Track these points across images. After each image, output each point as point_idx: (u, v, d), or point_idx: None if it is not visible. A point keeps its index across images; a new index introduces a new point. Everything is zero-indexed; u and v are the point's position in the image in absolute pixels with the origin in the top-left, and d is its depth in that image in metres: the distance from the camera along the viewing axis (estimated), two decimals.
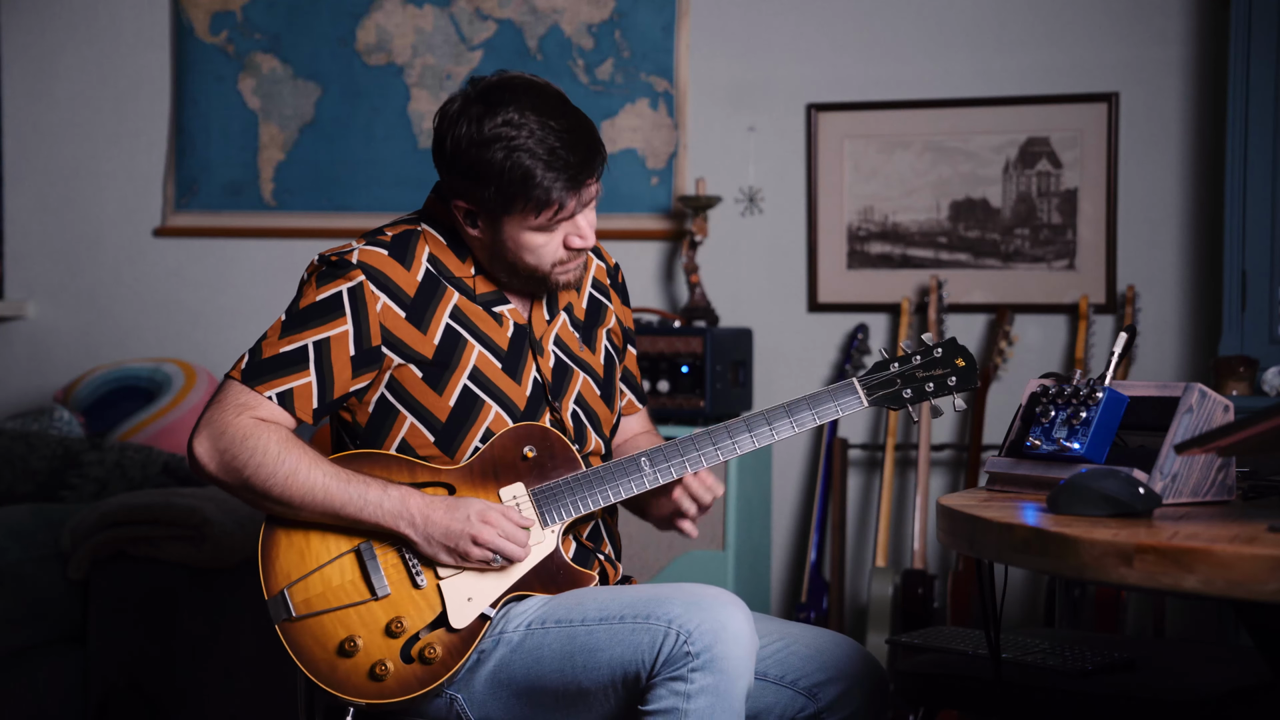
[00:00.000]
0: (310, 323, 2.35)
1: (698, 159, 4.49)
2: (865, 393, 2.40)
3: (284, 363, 2.33)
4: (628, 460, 2.38)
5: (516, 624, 2.32)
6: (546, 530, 2.36)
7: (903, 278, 4.33)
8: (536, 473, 2.38)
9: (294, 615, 2.31)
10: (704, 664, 2.17)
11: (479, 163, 2.31)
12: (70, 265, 4.97)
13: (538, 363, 2.44)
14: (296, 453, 2.30)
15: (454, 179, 2.35)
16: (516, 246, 2.36)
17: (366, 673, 2.29)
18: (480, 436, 2.38)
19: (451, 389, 2.37)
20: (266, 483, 2.29)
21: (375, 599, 2.31)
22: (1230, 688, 2.36)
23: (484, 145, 2.30)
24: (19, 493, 4.14)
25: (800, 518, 4.40)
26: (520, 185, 2.30)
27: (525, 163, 2.29)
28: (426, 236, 2.42)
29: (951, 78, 4.28)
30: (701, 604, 2.21)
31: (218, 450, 2.31)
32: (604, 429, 2.51)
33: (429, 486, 2.35)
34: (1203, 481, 2.11)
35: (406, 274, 2.38)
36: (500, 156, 2.29)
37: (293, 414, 2.34)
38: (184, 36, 4.85)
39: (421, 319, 2.38)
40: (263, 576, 2.33)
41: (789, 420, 2.39)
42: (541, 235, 2.35)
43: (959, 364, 2.41)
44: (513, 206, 2.32)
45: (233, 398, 2.33)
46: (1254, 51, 3.77)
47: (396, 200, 4.65)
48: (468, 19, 4.64)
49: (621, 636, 2.23)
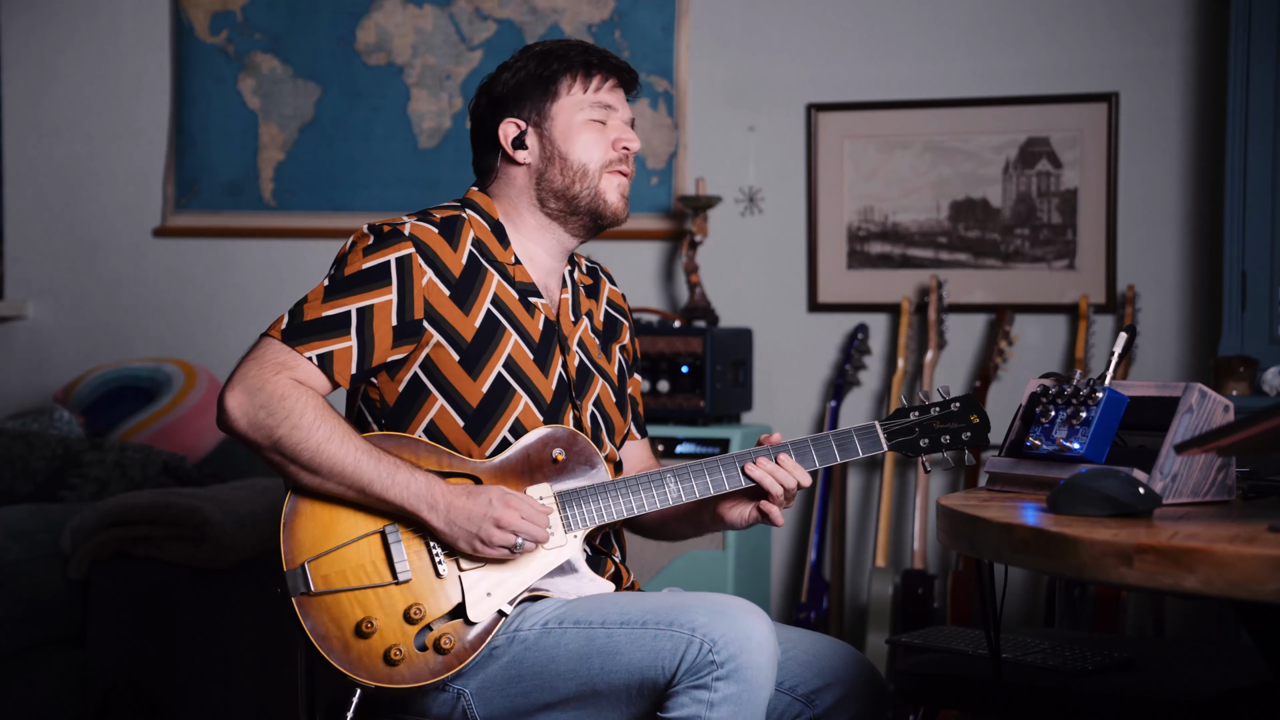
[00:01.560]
0: (355, 289, 2.34)
1: (698, 159, 4.50)
2: (886, 438, 2.44)
3: (326, 326, 2.32)
4: (654, 474, 2.40)
5: (533, 623, 2.31)
6: (569, 535, 2.37)
7: (903, 278, 4.33)
8: (563, 476, 2.39)
9: (313, 590, 2.29)
10: (728, 673, 2.17)
11: (520, 79, 2.48)
12: (70, 265, 4.97)
13: (564, 359, 2.46)
14: (331, 422, 2.28)
15: (499, 110, 2.48)
16: (567, 144, 2.45)
17: (381, 655, 2.28)
18: (509, 427, 2.38)
19: (486, 375, 2.38)
20: (297, 446, 2.27)
21: (396, 583, 2.30)
22: (1230, 688, 2.36)
23: (521, 67, 2.48)
24: (19, 493, 4.14)
25: (800, 518, 4.40)
26: (559, 60, 2.46)
27: (559, 51, 2.47)
28: (471, 221, 2.45)
29: (951, 78, 4.28)
30: (726, 613, 2.21)
31: (253, 406, 2.27)
32: (617, 437, 2.52)
33: (456, 477, 2.35)
34: (1203, 481, 2.11)
35: (453, 254, 2.39)
36: (535, 64, 2.47)
37: (330, 378, 2.32)
38: (184, 36, 4.85)
39: (465, 300, 2.38)
40: (283, 547, 2.30)
41: (813, 454, 2.43)
42: (591, 128, 2.46)
43: (973, 420, 2.46)
44: (558, 87, 2.46)
45: (272, 355, 2.30)
46: (1254, 51, 3.77)
47: (397, 200, 4.66)
48: (468, 19, 4.64)
49: (643, 642, 2.22)
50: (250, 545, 3.64)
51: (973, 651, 2.56)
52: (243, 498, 3.76)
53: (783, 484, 2.40)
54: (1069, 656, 2.48)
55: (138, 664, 3.66)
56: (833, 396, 4.30)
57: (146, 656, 3.66)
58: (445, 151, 4.66)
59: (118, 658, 3.67)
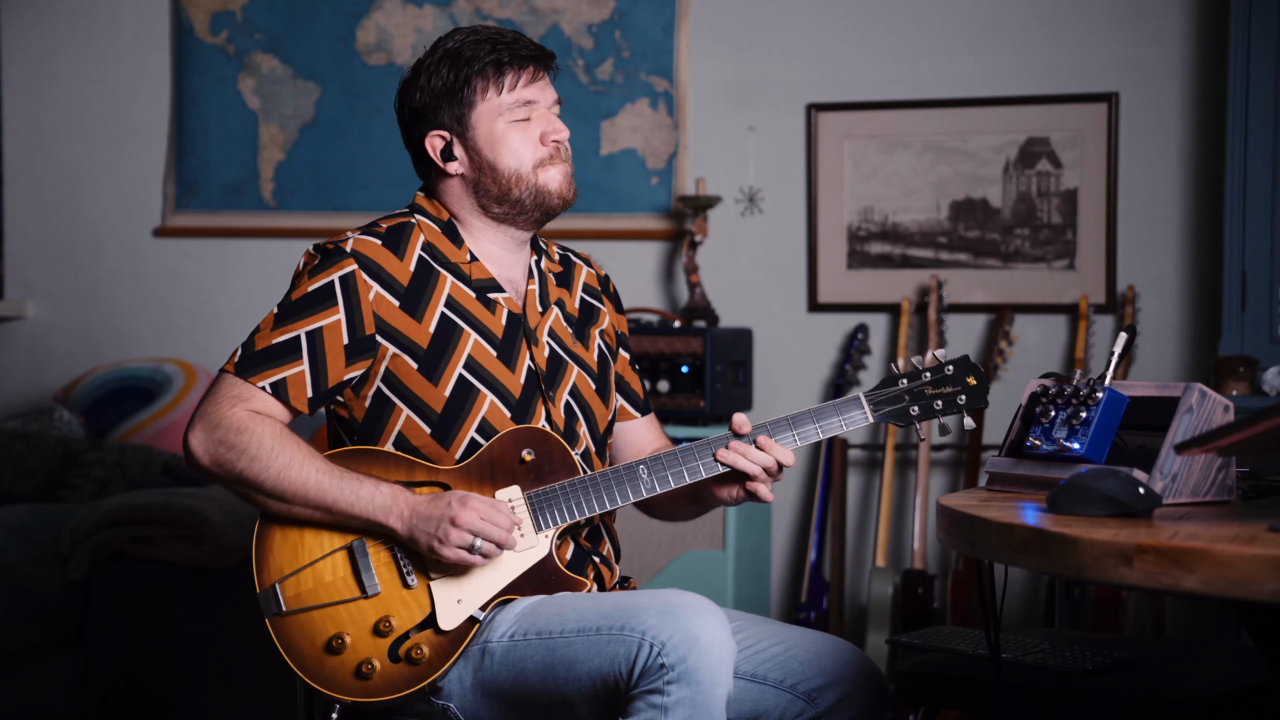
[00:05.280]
0: (303, 313, 2.35)
1: (698, 159, 4.50)
2: (871, 408, 2.38)
3: (277, 353, 2.33)
4: (625, 467, 2.37)
5: (500, 633, 2.30)
6: (540, 534, 2.35)
7: (903, 278, 4.33)
8: (533, 476, 2.37)
9: (284, 610, 2.31)
10: (679, 676, 2.14)
11: (434, 85, 2.43)
12: (70, 265, 4.97)
13: (532, 352, 2.44)
14: (290, 448, 2.30)
15: (421, 123, 2.45)
16: (494, 153, 2.41)
17: (353, 671, 2.29)
18: (476, 427, 2.37)
19: (447, 378, 2.37)
20: (259, 476, 2.29)
21: (365, 597, 2.31)
22: (1230, 688, 2.36)
23: (434, 71, 2.44)
24: (19, 493, 4.14)
25: (800, 518, 4.40)
26: (468, 63, 2.40)
27: (468, 52, 2.41)
28: (421, 226, 2.45)
29: (951, 78, 4.28)
30: (675, 614, 2.18)
31: (212, 443, 2.30)
32: (598, 426, 2.50)
33: (425, 486, 2.35)
34: (1203, 481, 2.11)
35: (399, 263, 2.39)
36: (446, 67, 2.43)
37: (287, 404, 2.33)
38: (184, 36, 4.85)
39: (416, 307, 2.38)
40: (255, 570, 2.33)
41: (792, 433, 2.38)
42: (514, 129, 2.41)
43: (970, 382, 2.38)
44: (473, 95, 2.41)
45: (226, 390, 2.33)
46: (1254, 51, 3.77)
47: (396, 200, 4.65)
48: (468, 19, 4.64)
49: (599, 648, 2.20)
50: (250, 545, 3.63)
51: (973, 651, 2.56)
52: None
53: (760, 464, 2.37)
54: (1069, 656, 2.48)
55: (138, 664, 3.66)
56: (833, 396, 4.30)
57: (146, 656, 3.66)
58: None
59: (118, 658, 3.67)
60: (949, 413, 2.39)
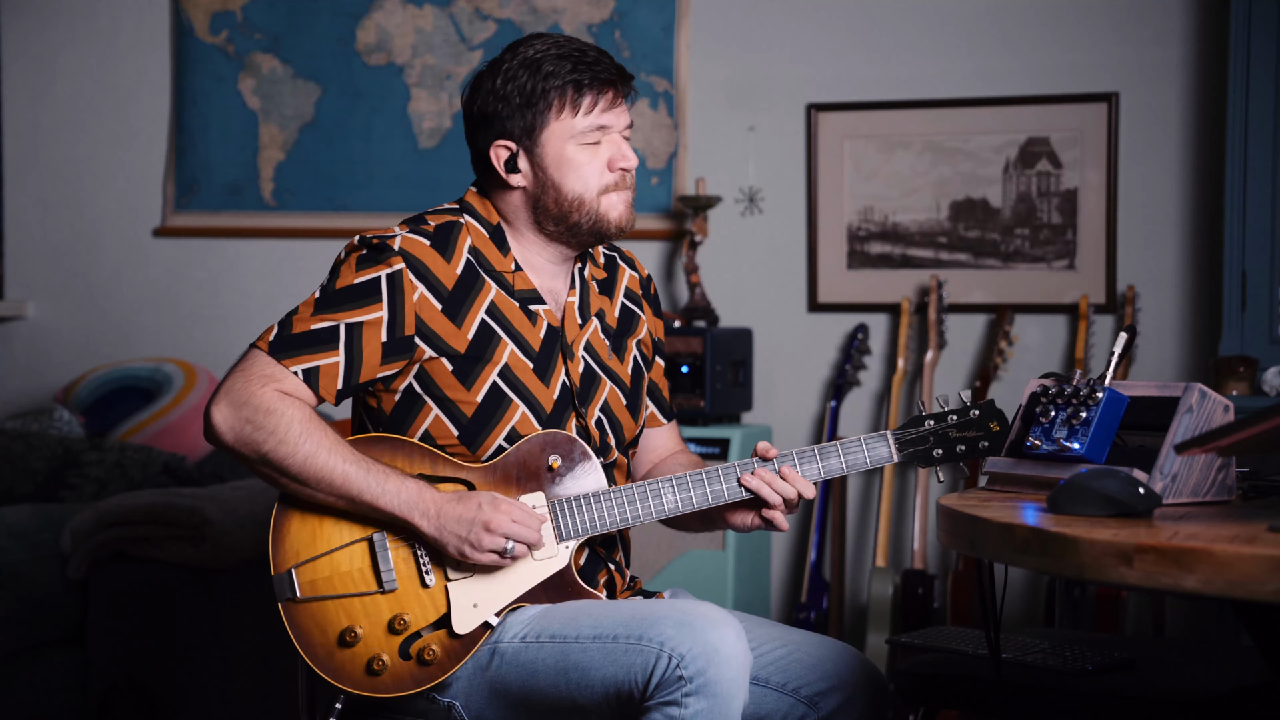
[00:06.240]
0: (345, 304, 2.31)
1: (698, 159, 4.50)
2: (897, 448, 2.39)
3: (314, 340, 2.30)
4: (650, 484, 2.36)
5: (512, 635, 2.29)
6: (560, 545, 2.34)
7: (903, 278, 4.33)
8: (559, 484, 2.35)
9: (298, 596, 2.29)
10: (697, 688, 2.14)
11: (508, 93, 2.36)
12: (70, 265, 4.97)
13: (567, 367, 2.41)
14: (319, 434, 2.27)
15: (489, 129, 2.38)
16: (560, 174, 2.37)
17: (364, 665, 2.28)
18: (505, 436, 2.36)
19: (480, 385, 2.35)
20: (286, 460, 2.26)
21: (381, 592, 2.30)
22: (1230, 688, 2.36)
23: (510, 77, 2.36)
24: (19, 493, 4.14)
25: (800, 518, 4.40)
26: (549, 80, 2.34)
27: (549, 66, 2.34)
28: (469, 228, 2.41)
29: (951, 78, 4.28)
30: (694, 625, 2.17)
31: (238, 420, 2.26)
32: (625, 438, 2.49)
33: (448, 482, 2.34)
34: (1203, 481, 2.11)
35: (446, 266, 2.36)
36: (524, 76, 2.35)
37: (316, 392, 2.30)
38: (184, 36, 4.85)
39: (457, 312, 2.35)
40: (271, 552, 2.31)
41: (818, 465, 2.38)
42: (584, 152, 2.37)
43: (993, 428, 2.39)
44: (547, 112, 2.35)
45: (259, 368, 2.29)
46: (1254, 51, 3.77)
47: (396, 200, 4.66)
48: (468, 19, 4.64)
49: (615, 656, 2.20)
50: (250, 545, 3.64)
51: (973, 651, 2.56)
52: (243, 498, 3.76)
53: (782, 494, 2.36)
54: (1069, 656, 2.48)
55: (138, 664, 3.66)
56: (833, 396, 4.30)
57: (146, 656, 3.66)
58: (445, 151, 4.66)
59: (118, 658, 3.67)
60: (970, 457, 2.40)
